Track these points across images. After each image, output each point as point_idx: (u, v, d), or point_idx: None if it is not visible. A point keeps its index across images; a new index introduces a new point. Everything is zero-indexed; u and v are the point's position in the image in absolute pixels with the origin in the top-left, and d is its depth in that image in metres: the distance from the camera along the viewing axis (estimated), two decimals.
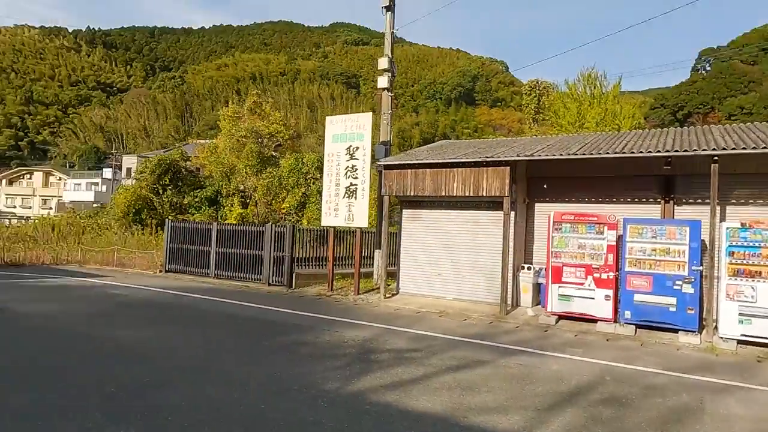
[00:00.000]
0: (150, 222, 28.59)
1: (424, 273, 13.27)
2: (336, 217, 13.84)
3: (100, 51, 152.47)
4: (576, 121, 30.30)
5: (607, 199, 11.76)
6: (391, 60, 14.88)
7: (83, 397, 5.04)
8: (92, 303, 11.20)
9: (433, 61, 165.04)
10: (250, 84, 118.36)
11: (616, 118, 29.41)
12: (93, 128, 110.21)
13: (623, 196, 11.64)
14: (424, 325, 10.00)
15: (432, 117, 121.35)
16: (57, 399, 4.97)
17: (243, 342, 8.01)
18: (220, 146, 31.02)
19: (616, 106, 30.46)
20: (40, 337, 7.71)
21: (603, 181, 11.73)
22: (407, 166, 12.70)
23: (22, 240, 24.89)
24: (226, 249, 16.13)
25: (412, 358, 7.16)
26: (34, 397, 4.99)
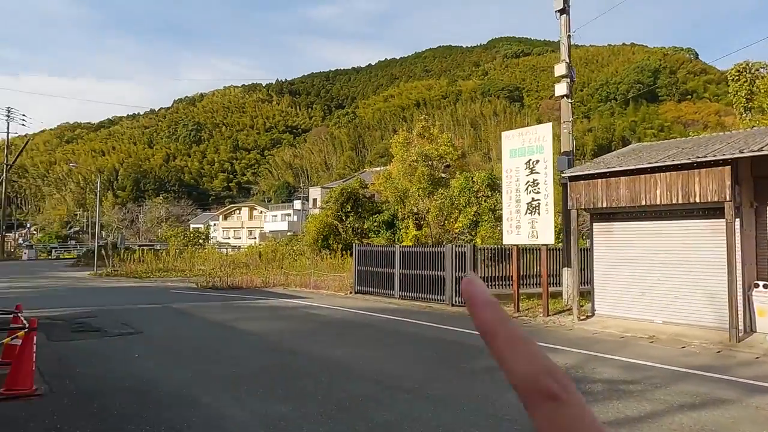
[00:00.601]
0: (336, 246, 31.17)
1: (624, 292, 11.88)
2: (518, 235, 13.29)
3: (287, 98, 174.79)
4: None
5: None
6: (569, 65, 13.97)
7: (321, 405, 5.47)
8: (299, 322, 12.42)
9: (603, 60, 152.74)
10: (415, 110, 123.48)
11: None
12: (284, 166, 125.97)
13: None
14: (633, 352, 8.86)
15: (606, 121, 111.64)
16: (309, 407, 5.47)
17: (442, 364, 8.00)
18: (393, 172, 32.62)
19: None
20: (264, 353, 8.73)
21: None
22: (597, 175, 11.64)
23: (237, 266, 29.17)
24: (408, 270, 16.63)
25: (631, 392, 6.32)
26: (290, 407, 5.57)
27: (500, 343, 0.36)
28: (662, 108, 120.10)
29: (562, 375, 0.35)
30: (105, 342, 9.53)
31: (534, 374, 0.34)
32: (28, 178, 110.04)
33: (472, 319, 0.37)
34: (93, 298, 17.45)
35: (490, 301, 0.37)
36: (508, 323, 0.36)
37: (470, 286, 0.38)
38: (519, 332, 0.36)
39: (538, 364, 0.35)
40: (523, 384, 0.34)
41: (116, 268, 31.08)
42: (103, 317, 12.44)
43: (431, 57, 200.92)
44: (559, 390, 0.34)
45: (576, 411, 0.33)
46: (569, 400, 0.34)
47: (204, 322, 12.29)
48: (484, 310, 0.37)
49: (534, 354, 0.35)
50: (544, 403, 0.33)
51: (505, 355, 0.35)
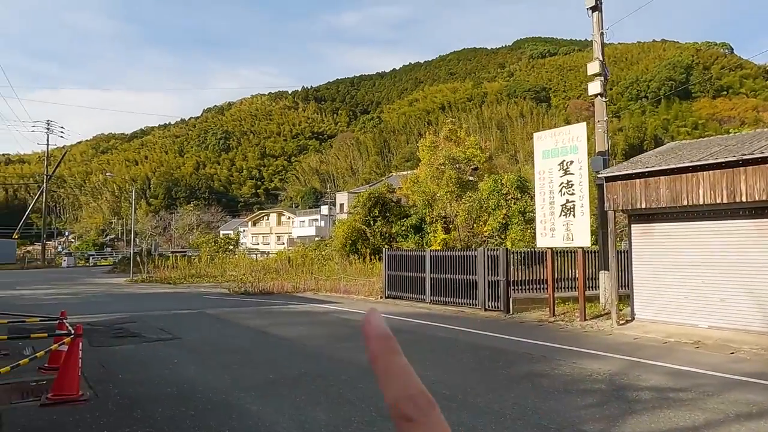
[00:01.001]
0: (364, 251, 31.18)
1: (666, 296, 11.49)
2: (553, 237, 13.02)
3: (313, 105, 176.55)
4: None
5: None
6: (602, 63, 13.64)
7: (361, 412, 5.43)
8: (333, 327, 12.43)
9: (632, 58, 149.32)
10: (440, 114, 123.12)
11: None
12: (310, 172, 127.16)
13: None
14: (679, 358, 8.53)
15: (637, 119, 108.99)
16: (349, 414, 5.44)
17: (479, 369, 7.85)
18: (420, 176, 32.49)
19: None
20: (300, 359, 8.74)
21: None
22: (635, 175, 11.31)
23: (267, 272, 29.48)
24: (439, 275, 16.48)
25: (682, 400, 6.06)
26: (330, 414, 5.54)
27: (379, 373, 0.41)
28: (696, 105, 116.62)
29: (424, 400, 0.40)
30: (144, 347, 9.71)
31: (396, 399, 0.39)
32: (66, 188, 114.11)
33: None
34: (130, 304, 17.88)
35: (379, 336, 0.42)
36: (390, 355, 0.41)
37: (366, 322, 0.43)
38: (397, 364, 0.41)
39: (403, 391, 0.40)
40: (390, 407, 0.39)
41: (151, 274, 31.83)
42: (141, 323, 12.71)
43: (455, 60, 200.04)
44: (414, 413, 0.39)
45: (425, 430, 0.39)
46: (423, 422, 0.39)
47: (239, 327, 12.41)
48: (372, 343, 0.42)
49: (402, 383, 0.40)
50: (402, 424, 0.39)
51: (382, 383, 0.40)
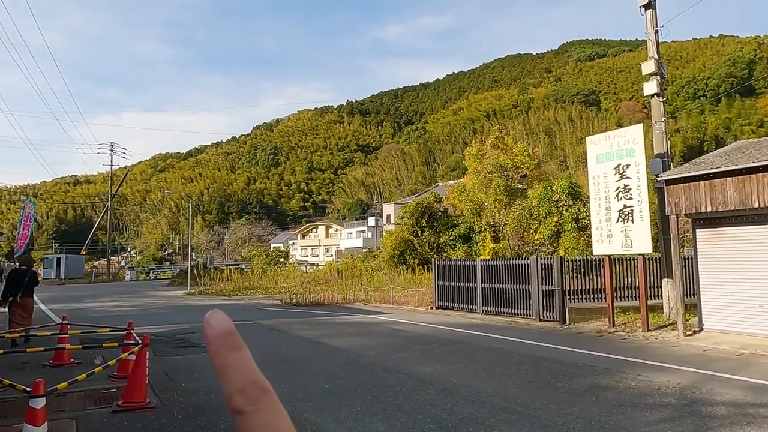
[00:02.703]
0: (413, 261, 31.10)
1: (738, 305, 10.78)
2: (610, 245, 12.52)
3: (358, 118, 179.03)
4: None
5: None
6: (658, 62, 13.10)
7: (419, 424, 5.38)
8: (385, 338, 12.41)
9: (688, 56, 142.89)
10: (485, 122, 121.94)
11: None
12: (357, 184, 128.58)
13: None
14: (756, 371, 7.96)
15: (696, 120, 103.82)
16: (407, 425, 5.41)
17: (537, 382, 7.61)
18: (468, 184, 32.17)
19: None
20: (355, 369, 8.77)
21: None
22: (698, 177, 10.75)
23: (317, 283, 29.91)
24: (491, 284, 16.18)
25: (764, 416, 5.64)
26: (388, 425, 5.53)
27: (217, 370, 0.42)
28: (761, 102, 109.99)
29: (254, 390, 0.40)
30: (205, 357, 10.02)
31: (230, 394, 0.40)
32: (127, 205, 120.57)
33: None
34: (189, 315, 18.56)
35: (216, 335, 0.42)
36: (226, 351, 0.42)
37: (206, 323, 0.43)
38: (233, 358, 0.41)
39: (235, 385, 0.40)
40: (226, 402, 0.41)
41: (207, 287, 33.00)
42: (200, 333, 13.10)
43: (500, 67, 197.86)
44: (243, 404, 0.40)
45: (259, 418, 0.39)
46: (252, 411, 0.40)
47: (293, 338, 12.62)
48: (210, 344, 0.42)
49: (235, 376, 0.41)
50: (235, 417, 0.40)
51: (220, 380, 0.41)
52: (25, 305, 11.23)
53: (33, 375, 6.58)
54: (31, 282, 11.47)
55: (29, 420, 4.53)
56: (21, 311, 11.17)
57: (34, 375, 6.44)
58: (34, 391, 4.54)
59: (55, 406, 6.42)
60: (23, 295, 11.12)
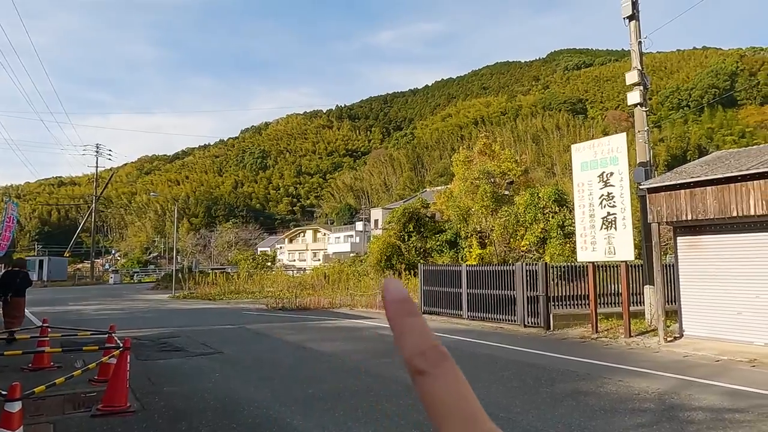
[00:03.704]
0: (399, 266, 31.11)
1: (717, 312, 10.97)
2: (594, 251, 12.69)
3: (347, 123, 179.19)
4: None
5: None
6: (641, 72, 13.34)
7: (402, 428, 5.41)
8: (371, 343, 12.41)
9: (672, 66, 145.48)
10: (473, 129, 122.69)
11: None
12: (345, 189, 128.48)
13: None
14: (734, 377, 8.11)
15: (679, 129, 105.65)
16: (391, 430, 5.43)
17: (520, 387, 7.67)
18: (455, 190, 32.33)
19: None
20: (340, 374, 8.76)
21: None
22: (679, 186, 10.95)
23: (304, 288, 29.80)
24: (476, 290, 16.26)
25: (739, 421, 5.75)
26: (371, 430, 5.54)
27: (395, 333, 0.43)
28: (742, 113, 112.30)
29: (434, 353, 0.42)
30: (187, 361, 9.94)
31: (410, 355, 0.42)
32: (112, 208, 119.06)
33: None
34: (173, 319, 18.37)
35: (395, 300, 0.44)
36: (404, 316, 0.43)
37: (384, 289, 0.45)
38: (412, 324, 0.43)
39: (415, 348, 0.42)
40: (406, 364, 0.42)
41: (192, 290, 32.68)
42: (184, 337, 13.03)
43: (488, 74, 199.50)
44: (425, 366, 0.41)
45: (440, 381, 0.40)
46: (435, 374, 0.41)
47: (278, 342, 12.56)
48: (388, 309, 0.44)
49: (415, 340, 0.42)
50: (416, 377, 0.41)
51: (399, 344, 0.43)
52: (15, 305, 11.84)
53: (11, 378, 6.47)
54: (23, 283, 12.12)
55: (4, 424, 4.46)
56: (11, 311, 11.79)
57: (12, 378, 6.33)
58: (9, 395, 4.48)
59: (33, 410, 6.33)
60: (14, 295, 11.78)
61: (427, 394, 0.41)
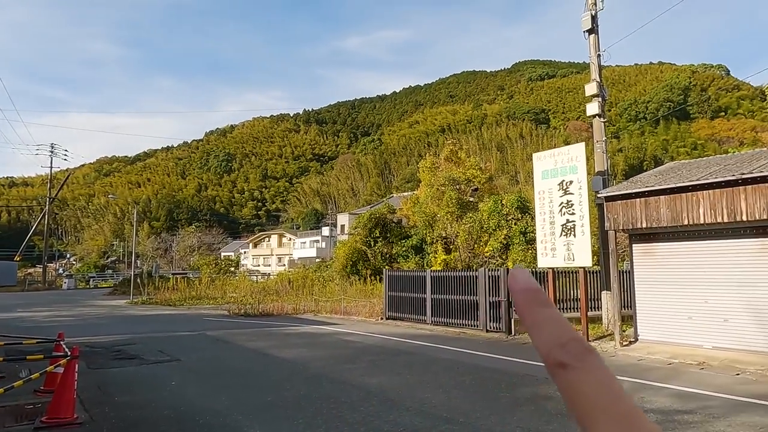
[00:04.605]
0: (365, 272, 31.05)
1: (670, 317, 11.38)
2: (554, 258, 12.97)
3: (314, 128, 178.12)
4: None
5: None
6: (599, 84, 13.80)
7: None
8: (333, 349, 12.29)
9: (630, 80, 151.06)
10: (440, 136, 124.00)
11: None
12: (312, 193, 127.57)
13: None
14: (685, 380, 8.41)
15: (637, 140, 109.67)
16: None
17: (481, 392, 7.73)
18: (421, 196, 32.57)
19: None
20: (301, 381, 8.62)
21: None
22: (634, 195, 11.33)
23: (268, 293, 29.33)
24: (440, 295, 16.37)
25: (688, 422, 5.95)
26: None
27: (528, 325, 0.41)
28: (695, 126, 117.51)
29: (576, 346, 0.39)
30: (143, 370, 9.59)
31: (548, 348, 0.39)
32: (68, 210, 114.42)
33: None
34: (130, 326, 17.74)
35: (525, 289, 0.42)
36: (536, 306, 0.42)
37: (511, 278, 0.44)
38: (545, 314, 0.41)
39: (555, 339, 0.39)
40: (543, 358, 0.39)
41: (151, 296, 31.68)
42: (140, 345, 12.59)
43: (455, 82, 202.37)
44: (567, 359, 0.38)
45: (586, 376, 0.37)
46: (580, 367, 0.38)
47: (239, 349, 12.29)
48: (518, 297, 0.42)
49: (552, 331, 0.40)
50: (556, 371, 0.38)
51: (532, 336, 0.41)
52: None
53: None
54: None
55: None
56: None
57: None
58: None
59: None
60: None
61: (571, 389, 0.38)
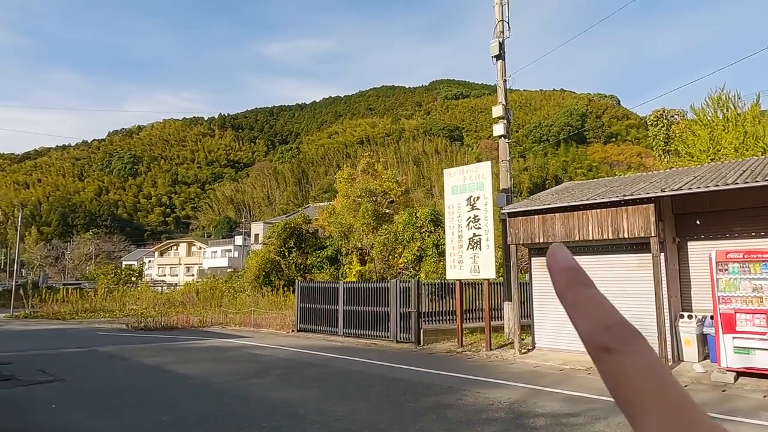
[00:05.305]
0: (278, 283, 30.37)
1: (563, 325, 12.25)
2: (461, 270, 13.51)
3: (230, 133, 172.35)
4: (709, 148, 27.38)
5: None
6: (505, 107, 14.71)
7: None
8: (240, 363, 11.85)
9: (536, 104, 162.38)
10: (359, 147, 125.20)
11: (759, 140, 26.02)
12: (225, 201, 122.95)
13: None
14: (574, 384, 9.08)
15: (540, 160, 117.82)
16: None
17: (387, 403, 7.83)
18: (337, 207, 32.59)
19: (757, 127, 27.03)
20: (202, 398, 8.21)
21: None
22: (534, 212, 12.13)
23: (173, 305, 27.72)
24: (352, 307, 16.41)
25: (573, 425, 6.43)
26: None
27: (567, 306, 0.38)
28: (590, 149, 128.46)
29: (622, 329, 0.36)
30: (18, 392, 8.64)
31: (590, 331, 0.37)
32: None
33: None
34: (8, 342, 15.91)
35: (565, 269, 0.39)
36: (578, 287, 0.39)
37: (550, 256, 0.40)
38: (587, 294, 0.38)
39: (598, 322, 0.37)
40: (585, 340, 0.37)
41: (36, 309, 28.70)
42: (18, 364, 11.34)
43: (375, 96, 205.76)
44: (612, 343, 0.36)
45: (634, 360, 0.35)
46: (626, 352, 0.35)
47: (135, 366, 11.47)
48: (557, 276, 0.39)
49: (596, 313, 0.37)
50: (600, 355, 0.36)
51: (573, 317, 0.38)
52: None
53: None
54: None
55: None
56: None
57: None
58: None
59: None
60: None
61: (616, 375, 0.35)
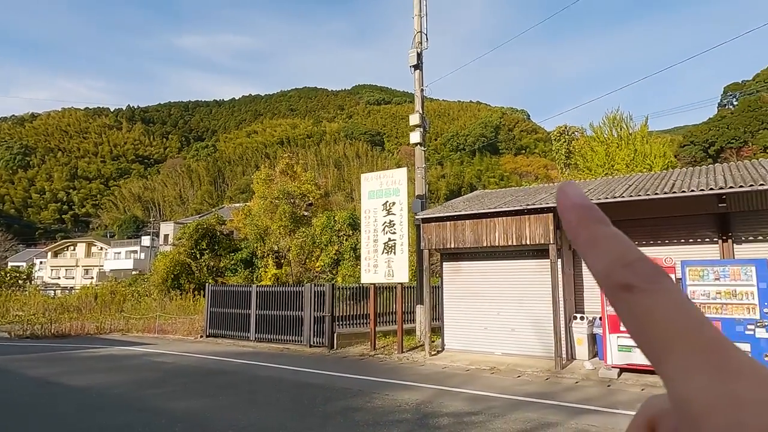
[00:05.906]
0: (188, 286, 28.92)
1: (470, 328, 12.81)
2: (376, 274, 13.68)
3: (140, 127, 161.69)
4: (605, 163, 30.04)
5: (660, 242, 11.32)
6: (422, 116, 15.14)
7: None
8: (139, 372, 11.13)
9: (454, 114, 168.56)
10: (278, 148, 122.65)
11: (646, 158, 29.00)
12: (132, 199, 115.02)
13: (677, 238, 11.19)
14: (478, 384, 9.51)
15: (457, 168, 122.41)
16: None
17: (296, 408, 7.72)
18: (254, 209, 31.71)
19: (645, 146, 30.09)
20: (92, 411, 7.60)
21: (653, 223, 11.34)
22: (446, 218, 12.58)
23: (67, 311, 25.44)
24: (266, 311, 16.03)
25: (473, 423, 6.73)
26: None
27: (581, 245, 0.36)
28: (503, 159, 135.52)
29: (645, 266, 0.34)
30: None
31: (608, 269, 0.34)
32: None
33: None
34: None
35: (576, 205, 0.37)
36: (593, 224, 0.36)
37: (560, 193, 0.38)
38: (604, 231, 0.36)
39: (616, 259, 0.34)
40: (601, 279, 0.34)
41: None
42: None
43: (297, 97, 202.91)
44: (635, 280, 0.33)
45: (659, 299, 0.32)
46: (651, 290, 0.32)
47: (17, 378, 10.39)
48: (569, 214, 0.37)
49: (614, 250, 0.35)
50: (619, 294, 0.33)
51: (586, 255, 0.35)
52: None
53: None
54: None
55: None
56: None
57: None
58: None
59: None
60: None
61: (638, 314, 0.32)
